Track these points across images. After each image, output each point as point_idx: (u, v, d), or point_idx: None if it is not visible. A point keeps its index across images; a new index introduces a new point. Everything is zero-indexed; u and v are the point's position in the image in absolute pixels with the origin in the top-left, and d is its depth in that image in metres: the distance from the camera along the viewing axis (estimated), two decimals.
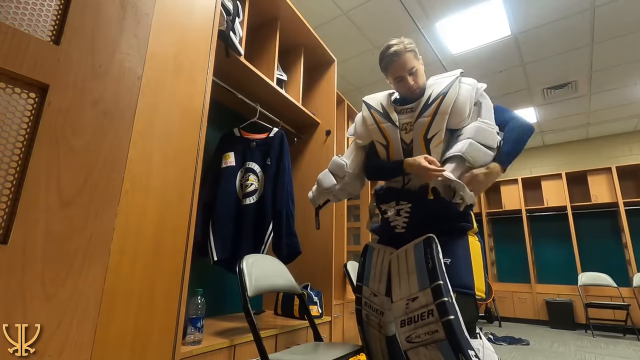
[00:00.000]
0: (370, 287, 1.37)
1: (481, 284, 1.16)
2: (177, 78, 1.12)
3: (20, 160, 0.74)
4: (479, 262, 1.21)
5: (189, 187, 1.12)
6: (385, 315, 1.31)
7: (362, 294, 1.41)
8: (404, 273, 1.18)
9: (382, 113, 1.38)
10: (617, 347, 3.53)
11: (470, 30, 3.17)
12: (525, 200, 5.43)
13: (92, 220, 0.82)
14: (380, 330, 1.34)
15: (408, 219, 1.32)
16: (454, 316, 1.01)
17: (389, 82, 1.44)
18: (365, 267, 1.42)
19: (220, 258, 1.58)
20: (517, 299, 5.11)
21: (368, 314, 1.39)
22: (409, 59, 1.31)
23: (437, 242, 1.14)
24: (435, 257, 1.09)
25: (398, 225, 1.34)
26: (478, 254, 1.23)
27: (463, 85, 1.29)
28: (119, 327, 0.86)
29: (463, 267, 1.17)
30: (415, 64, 1.32)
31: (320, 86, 2.51)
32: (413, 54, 1.33)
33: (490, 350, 1.17)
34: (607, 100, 4.34)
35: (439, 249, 1.13)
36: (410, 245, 1.20)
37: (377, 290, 1.33)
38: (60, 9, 0.85)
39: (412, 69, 1.30)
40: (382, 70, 1.41)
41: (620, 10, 2.87)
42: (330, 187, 1.50)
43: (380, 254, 1.37)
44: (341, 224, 2.62)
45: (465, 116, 1.24)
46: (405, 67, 1.30)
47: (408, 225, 1.32)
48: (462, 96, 1.25)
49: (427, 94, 1.30)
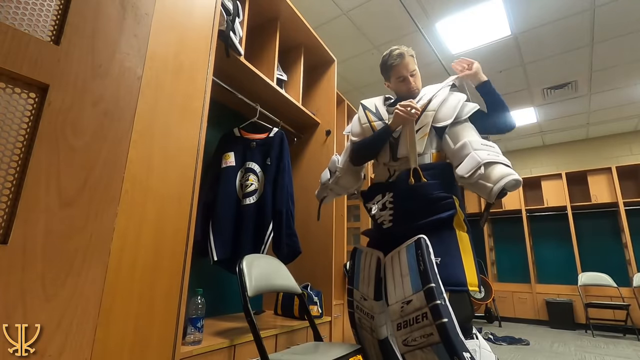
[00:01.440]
0: (360, 290, 1.38)
1: (473, 278, 1.17)
2: (177, 78, 1.12)
3: (20, 160, 0.74)
4: (469, 257, 1.21)
5: (189, 187, 1.11)
6: (375, 319, 1.31)
7: (353, 297, 1.42)
8: (398, 276, 1.18)
9: (375, 113, 1.51)
10: (617, 347, 3.53)
11: (470, 30, 3.17)
12: (525, 200, 5.43)
13: (92, 220, 0.82)
14: (372, 334, 1.33)
15: (393, 210, 1.34)
16: (447, 319, 1.01)
17: (388, 85, 1.57)
18: (355, 270, 1.43)
19: (220, 258, 1.58)
20: (517, 299, 5.11)
21: (360, 317, 1.39)
22: (411, 62, 1.48)
23: (427, 243, 1.14)
24: (427, 259, 1.10)
25: (385, 221, 1.36)
26: (467, 248, 1.24)
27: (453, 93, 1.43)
28: (119, 327, 0.86)
29: (454, 265, 1.17)
30: (416, 68, 1.49)
31: (320, 86, 2.51)
32: (413, 59, 1.50)
33: (487, 350, 1.17)
34: (607, 100, 4.34)
35: (430, 250, 1.13)
36: (403, 247, 1.20)
37: (366, 294, 1.34)
38: (60, 9, 0.85)
39: (413, 71, 1.48)
40: (384, 71, 1.54)
41: (620, 10, 2.87)
42: (325, 181, 1.67)
43: (368, 257, 1.37)
44: (341, 224, 2.62)
45: (451, 114, 1.34)
46: (408, 68, 1.47)
47: (394, 218, 1.34)
48: (450, 100, 1.39)
49: (420, 95, 1.45)
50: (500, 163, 1.18)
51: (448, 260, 1.17)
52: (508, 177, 1.13)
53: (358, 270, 1.41)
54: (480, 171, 1.17)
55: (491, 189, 1.14)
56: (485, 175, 1.17)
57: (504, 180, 1.12)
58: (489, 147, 1.25)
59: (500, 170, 1.16)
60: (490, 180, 1.15)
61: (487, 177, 1.16)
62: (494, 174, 1.16)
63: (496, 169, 1.16)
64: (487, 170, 1.17)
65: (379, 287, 1.28)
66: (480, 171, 1.17)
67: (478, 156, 1.19)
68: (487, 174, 1.17)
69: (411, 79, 1.46)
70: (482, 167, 1.17)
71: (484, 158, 1.18)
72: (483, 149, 1.23)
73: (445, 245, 1.21)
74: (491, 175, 1.16)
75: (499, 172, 1.15)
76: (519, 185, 1.14)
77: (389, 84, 1.56)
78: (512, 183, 1.12)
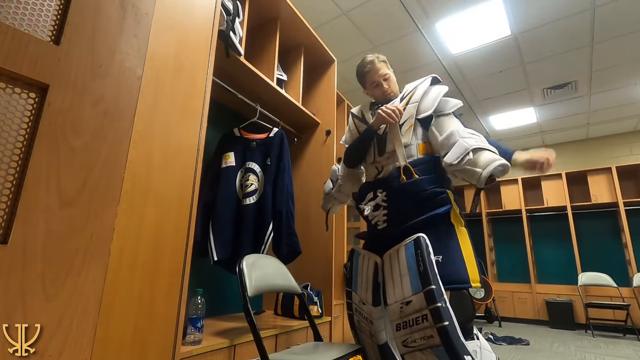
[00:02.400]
0: (358, 294, 1.37)
1: (475, 274, 1.17)
2: (177, 78, 1.12)
3: (20, 160, 0.74)
4: (469, 253, 1.21)
5: (189, 187, 1.11)
6: (374, 324, 1.30)
7: (352, 300, 1.41)
8: (397, 275, 1.18)
9: (361, 118, 1.59)
10: (617, 347, 3.53)
11: (470, 30, 3.17)
12: (525, 200, 5.43)
13: (92, 220, 0.82)
14: (372, 339, 1.33)
15: (387, 209, 1.33)
16: (448, 322, 1.00)
17: (366, 93, 1.63)
18: (352, 272, 1.43)
19: (220, 258, 1.58)
20: (517, 299, 5.11)
21: (359, 320, 1.39)
22: (382, 67, 1.53)
23: (427, 242, 1.13)
24: (426, 259, 1.09)
25: (379, 221, 1.36)
26: (467, 242, 1.23)
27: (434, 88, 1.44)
28: (119, 327, 0.86)
29: (455, 262, 1.17)
30: (388, 72, 1.53)
31: (320, 86, 2.51)
32: (385, 64, 1.54)
33: (488, 351, 1.16)
34: (607, 100, 4.34)
35: (430, 250, 1.12)
36: (402, 245, 1.19)
37: (365, 299, 1.33)
38: (60, 9, 0.85)
39: (385, 75, 1.52)
40: (360, 80, 1.61)
41: (620, 10, 2.87)
42: (329, 191, 1.75)
43: (365, 261, 1.37)
44: (341, 224, 2.62)
45: (431, 105, 1.37)
46: (379, 73, 1.51)
47: (388, 218, 1.33)
48: (431, 92, 1.42)
49: (403, 92, 1.50)
50: (487, 149, 1.20)
51: (449, 258, 1.16)
52: (496, 162, 1.14)
53: (356, 273, 1.40)
54: (468, 157, 1.18)
55: (480, 173, 1.14)
56: (474, 161, 1.18)
57: (493, 164, 1.13)
58: (475, 135, 1.26)
59: (488, 156, 1.17)
60: (479, 165, 1.16)
61: (475, 162, 1.17)
62: (481, 159, 1.17)
63: (483, 155, 1.18)
64: (475, 156, 1.18)
65: (377, 293, 1.28)
66: (469, 157, 1.18)
67: (466, 142, 1.21)
68: (475, 159, 1.18)
69: (384, 82, 1.51)
70: (470, 153, 1.18)
71: (472, 144, 1.20)
72: (470, 136, 1.25)
73: (445, 242, 1.20)
74: (479, 160, 1.17)
75: (487, 158, 1.16)
76: (506, 170, 1.16)
77: (366, 92, 1.62)
78: (500, 169, 1.14)
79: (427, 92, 1.42)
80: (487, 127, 5.19)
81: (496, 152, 1.20)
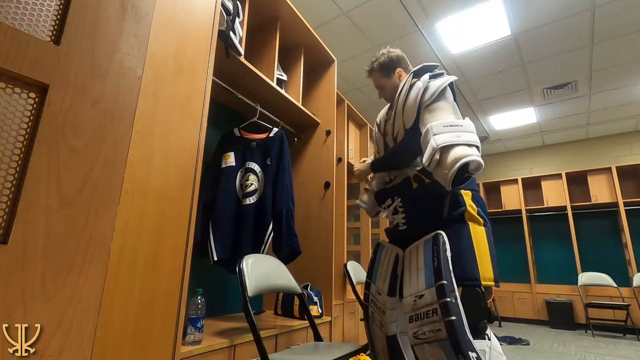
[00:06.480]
0: (377, 284, 1.40)
1: (488, 271, 1.15)
2: (177, 78, 1.12)
3: (20, 160, 0.74)
4: (484, 250, 1.19)
5: (189, 187, 1.11)
6: (386, 314, 1.32)
7: (370, 291, 1.43)
8: (414, 269, 1.20)
9: (378, 124, 1.59)
10: (617, 347, 3.53)
11: (470, 30, 3.17)
12: (525, 200, 5.43)
13: (92, 220, 0.82)
14: (382, 329, 1.35)
15: (405, 213, 1.36)
16: (455, 317, 1.01)
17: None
18: (374, 264, 1.45)
19: (220, 258, 1.58)
20: (517, 299, 5.11)
21: (373, 311, 1.41)
22: (375, 78, 1.53)
23: (444, 239, 1.13)
24: (441, 255, 1.10)
25: (400, 223, 1.39)
26: (482, 241, 1.20)
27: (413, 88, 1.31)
28: (119, 327, 0.86)
29: (465, 259, 1.16)
30: (381, 82, 1.51)
31: (320, 86, 2.51)
32: (378, 72, 1.51)
33: (499, 352, 1.15)
34: (607, 100, 4.34)
35: (447, 247, 1.12)
36: (422, 241, 1.22)
37: (382, 289, 1.35)
38: (60, 9, 0.85)
39: (378, 85, 1.53)
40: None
41: (620, 10, 2.87)
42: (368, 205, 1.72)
43: (388, 253, 1.40)
44: (341, 224, 2.62)
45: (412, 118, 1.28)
46: (374, 84, 1.55)
47: (407, 221, 1.36)
48: (410, 99, 1.31)
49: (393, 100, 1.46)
50: (459, 145, 1.03)
51: (460, 255, 1.15)
52: (461, 160, 0.99)
53: (378, 265, 1.43)
54: (435, 157, 1.05)
55: (446, 175, 1.02)
56: (441, 162, 1.04)
57: (457, 165, 0.99)
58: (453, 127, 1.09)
59: (454, 153, 1.01)
60: (445, 166, 1.02)
61: (443, 163, 1.04)
62: (447, 158, 1.02)
63: (451, 153, 1.02)
64: (443, 156, 1.04)
65: (394, 283, 1.30)
66: (436, 157, 1.05)
67: (435, 141, 1.06)
68: (443, 160, 1.04)
69: (379, 91, 1.54)
70: (437, 153, 1.05)
71: (440, 142, 1.05)
72: (444, 131, 1.08)
73: (457, 239, 1.19)
74: (446, 160, 1.02)
75: (452, 156, 1.01)
76: (479, 167, 1.01)
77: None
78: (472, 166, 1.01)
79: (407, 97, 1.32)
80: (487, 127, 5.19)
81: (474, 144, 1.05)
